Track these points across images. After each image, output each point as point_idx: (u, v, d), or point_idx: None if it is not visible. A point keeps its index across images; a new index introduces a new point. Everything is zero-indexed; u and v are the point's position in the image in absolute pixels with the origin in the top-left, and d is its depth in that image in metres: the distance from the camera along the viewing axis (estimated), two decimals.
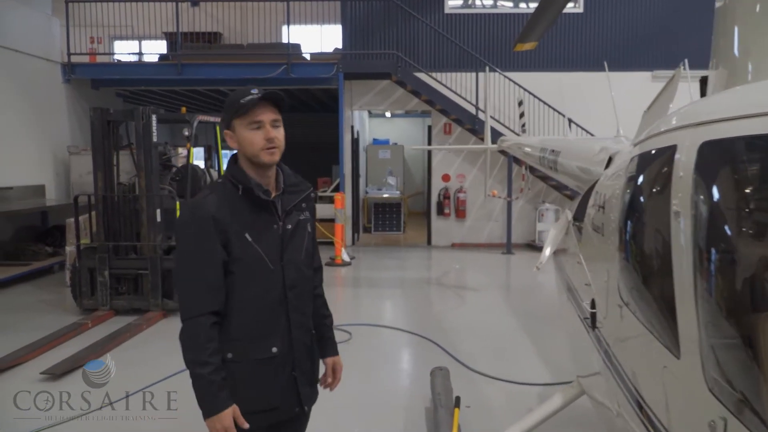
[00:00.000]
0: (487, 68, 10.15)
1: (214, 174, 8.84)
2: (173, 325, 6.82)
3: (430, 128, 12.83)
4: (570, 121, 11.24)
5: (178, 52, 11.41)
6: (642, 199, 2.02)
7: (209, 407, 2.01)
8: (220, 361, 2.05)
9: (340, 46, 12.34)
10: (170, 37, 12.72)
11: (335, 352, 2.44)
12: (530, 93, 11.15)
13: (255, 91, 2.12)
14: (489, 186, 10.12)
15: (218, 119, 8.49)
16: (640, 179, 2.06)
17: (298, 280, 2.22)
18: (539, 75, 11.88)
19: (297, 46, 11.66)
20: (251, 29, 12.58)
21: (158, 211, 6.98)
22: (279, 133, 2.14)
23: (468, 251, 12.05)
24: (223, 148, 9.00)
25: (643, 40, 12.13)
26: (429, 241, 12.80)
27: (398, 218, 14.57)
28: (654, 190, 1.90)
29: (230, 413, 2.02)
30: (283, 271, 2.17)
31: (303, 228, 2.26)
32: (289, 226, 2.20)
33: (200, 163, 9.14)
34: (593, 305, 2.57)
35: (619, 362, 2.19)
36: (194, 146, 7.74)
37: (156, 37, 13.34)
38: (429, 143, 12.87)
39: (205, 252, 2.07)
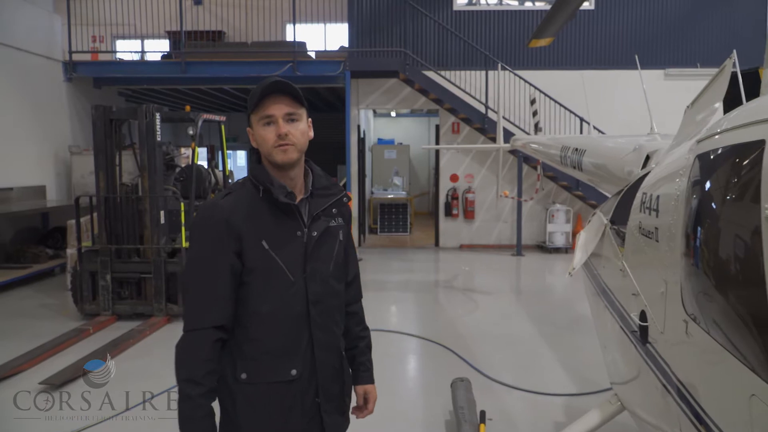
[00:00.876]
0: (500, 66, 9.91)
1: (219, 174, 8.62)
2: (178, 330, 6.59)
3: (437, 127, 12.60)
4: (582, 120, 11.02)
5: (182, 50, 11.19)
6: (717, 201, 1.79)
7: None
8: (214, 385, 1.84)
9: (345, 44, 12.12)
10: (173, 36, 12.51)
11: (369, 380, 2.19)
12: (541, 91, 10.91)
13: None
14: (499, 186, 9.87)
15: (223, 118, 8.27)
16: (713, 179, 1.83)
17: (324, 295, 1.97)
18: (549, 73, 11.66)
19: (302, 44, 11.44)
20: (255, 28, 12.37)
21: (162, 212, 6.76)
22: (294, 128, 1.89)
23: (477, 253, 11.82)
24: (228, 148, 8.78)
25: (655, 38, 11.90)
26: (437, 243, 12.56)
27: (405, 219, 14.34)
28: (735, 191, 1.67)
29: None
30: (305, 284, 1.92)
31: (332, 236, 2.01)
32: (315, 233, 1.95)
33: (204, 164, 8.92)
34: (643, 317, 2.34)
35: (684, 384, 1.96)
36: (199, 146, 7.52)
37: (159, 36, 13.14)
38: (436, 142, 12.64)
39: (215, 259, 1.85)
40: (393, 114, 18.10)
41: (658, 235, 2.23)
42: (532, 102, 8.79)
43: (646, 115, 4.13)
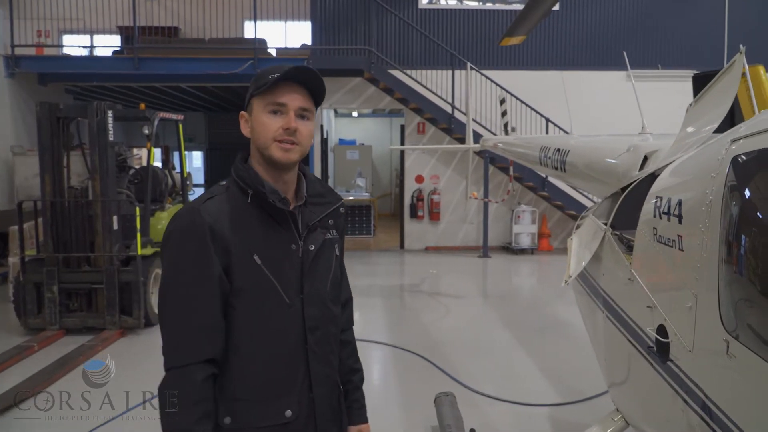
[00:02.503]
0: (469, 65, 9.76)
1: (177, 176, 8.17)
2: (133, 344, 6.20)
3: (402, 127, 12.38)
4: (548, 120, 10.99)
5: (135, 45, 10.61)
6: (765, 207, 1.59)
7: None
8: (210, 430, 1.52)
9: (308, 42, 11.77)
10: (125, 31, 11.88)
11: (364, 418, 1.87)
12: (508, 91, 10.81)
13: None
14: (468, 188, 9.71)
15: (181, 117, 7.82)
16: (761, 182, 1.63)
17: (322, 320, 1.67)
18: (514, 73, 11.58)
19: (263, 41, 11.03)
20: (212, 24, 11.86)
21: (115, 217, 6.29)
22: (304, 127, 1.62)
23: (443, 255, 11.64)
24: (186, 149, 8.33)
25: (618, 39, 11.98)
26: (402, 245, 12.34)
27: (368, 221, 14.07)
28: None
29: None
30: (302, 307, 1.63)
31: (329, 251, 1.73)
32: (312, 247, 1.66)
33: (159, 165, 8.44)
34: (663, 333, 2.13)
35: (722, 408, 1.76)
36: (155, 146, 7.06)
37: (109, 32, 12.47)
38: (402, 143, 12.41)
39: (200, 276, 1.53)
40: (355, 114, 17.81)
41: (682, 244, 2.02)
42: (502, 102, 8.64)
43: (609, 116, 3.99)
